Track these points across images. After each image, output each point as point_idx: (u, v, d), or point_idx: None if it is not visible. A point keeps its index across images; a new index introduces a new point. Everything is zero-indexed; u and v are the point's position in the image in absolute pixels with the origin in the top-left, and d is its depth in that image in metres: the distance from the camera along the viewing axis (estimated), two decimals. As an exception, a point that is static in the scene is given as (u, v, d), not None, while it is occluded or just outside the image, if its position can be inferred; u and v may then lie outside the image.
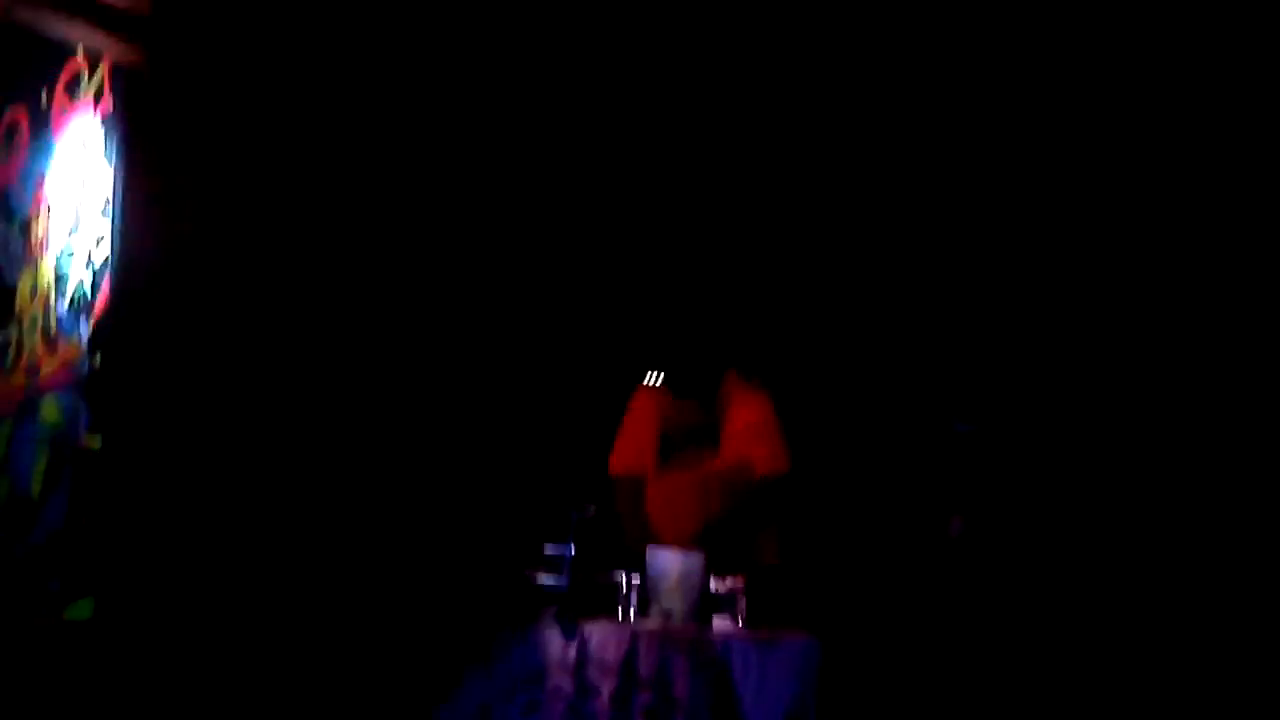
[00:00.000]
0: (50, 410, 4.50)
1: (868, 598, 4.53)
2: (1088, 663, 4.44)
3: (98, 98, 4.62)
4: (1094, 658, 4.44)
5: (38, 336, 4.72)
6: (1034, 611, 4.53)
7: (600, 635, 3.65)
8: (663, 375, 4.33)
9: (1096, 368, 4.66)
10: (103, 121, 4.57)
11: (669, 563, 3.78)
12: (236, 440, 4.35)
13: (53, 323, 4.66)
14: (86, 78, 4.66)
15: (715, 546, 3.98)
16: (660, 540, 4.04)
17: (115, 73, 4.54)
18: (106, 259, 4.37)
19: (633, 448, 4.28)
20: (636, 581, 3.79)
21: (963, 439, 4.71)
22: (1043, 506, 4.65)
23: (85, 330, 4.43)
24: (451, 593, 3.96)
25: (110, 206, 4.43)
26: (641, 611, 3.77)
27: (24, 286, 4.86)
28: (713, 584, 3.79)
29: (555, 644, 3.66)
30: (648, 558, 3.81)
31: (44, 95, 4.90)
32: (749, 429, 4.17)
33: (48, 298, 4.70)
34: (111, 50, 4.54)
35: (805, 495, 4.34)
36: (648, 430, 4.29)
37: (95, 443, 4.21)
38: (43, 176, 4.89)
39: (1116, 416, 4.59)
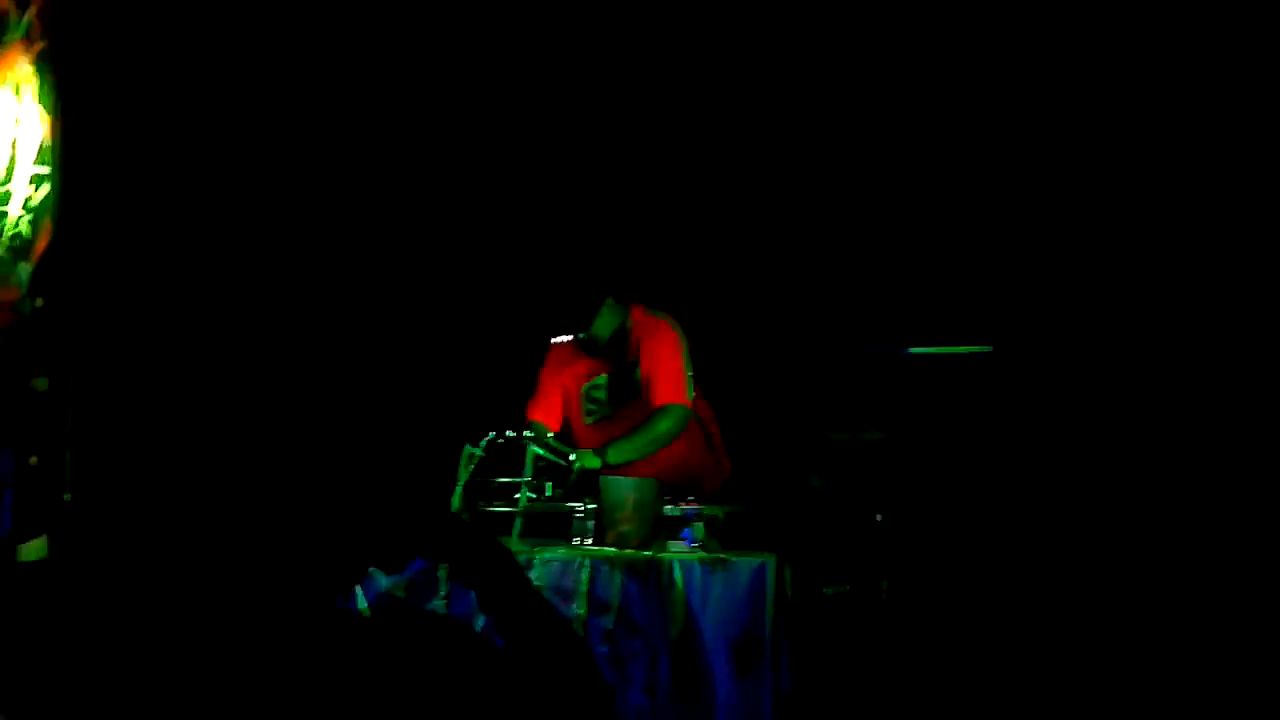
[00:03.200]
0: (-8, 354, 4.45)
1: (828, 523, 4.63)
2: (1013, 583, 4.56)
3: (28, 38, 4.54)
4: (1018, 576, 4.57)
5: (-24, 282, 4.64)
6: (967, 533, 4.65)
7: (558, 562, 3.70)
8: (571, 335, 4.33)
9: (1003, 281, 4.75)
10: (34, 61, 4.50)
11: (623, 489, 3.81)
12: (181, 378, 4.33)
13: (-9, 267, 4.59)
14: (16, 16, 4.57)
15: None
16: None
17: (44, 11, 4.46)
18: (45, 200, 4.31)
19: (544, 401, 4.36)
20: (591, 508, 3.83)
21: (876, 361, 4.79)
22: (962, 427, 4.75)
23: (25, 272, 4.38)
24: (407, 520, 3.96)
25: (46, 149, 4.37)
26: (596, 539, 3.81)
27: (-40, 231, 4.77)
28: (666, 509, 3.84)
29: (513, 570, 3.70)
30: (601, 485, 3.84)
31: (-28, 37, 4.81)
32: (656, 364, 4.21)
33: (-15, 242, 4.63)
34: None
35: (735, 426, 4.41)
36: (557, 384, 4.36)
37: (41, 384, 4.18)
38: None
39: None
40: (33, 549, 4.13)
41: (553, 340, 4.39)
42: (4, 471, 4.25)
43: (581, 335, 4.25)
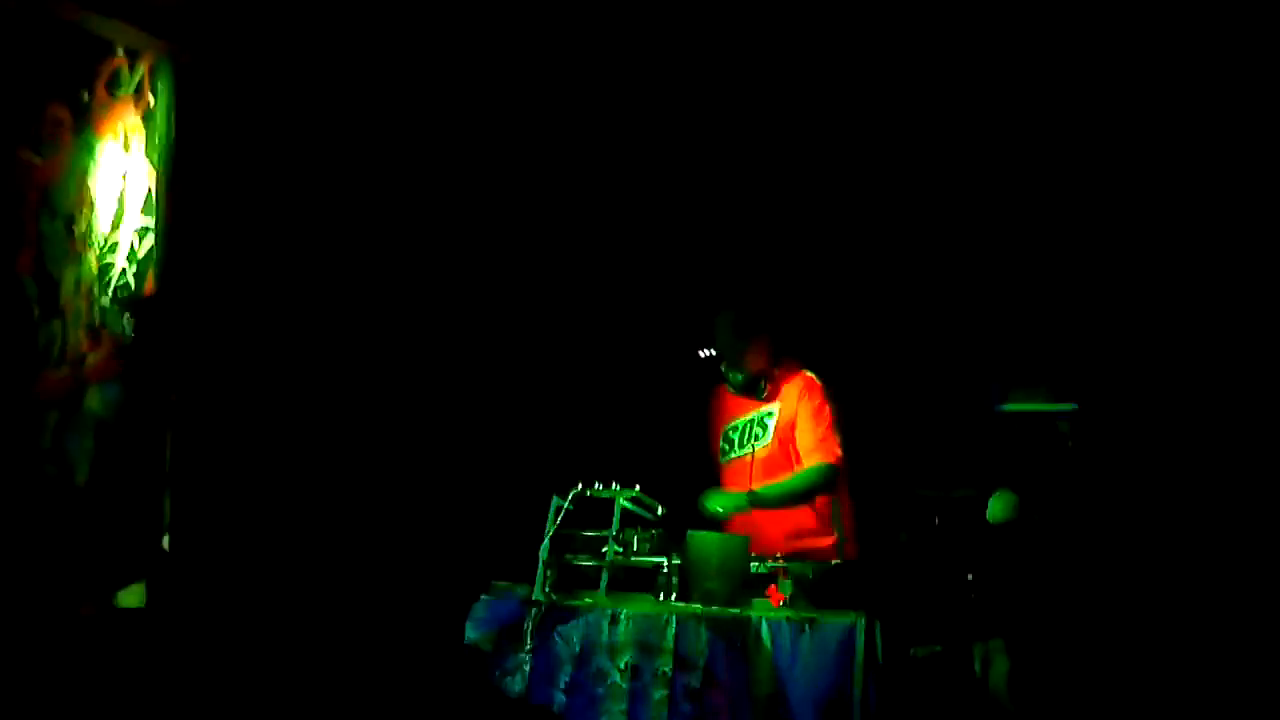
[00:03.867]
0: (95, 400, 4.56)
1: (917, 582, 4.57)
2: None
3: (138, 93, 4.69)
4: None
5: (81, 330, 4.78)
6: (1089, 595, 4.56)
7: (643, 617, 3.69)
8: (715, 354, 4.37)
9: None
10: (143, 117, 4.65)
11: (709, 545, 3.80)
12: (280, 426, 4.41)
13: (96, 316, 4.72)
14: (128, 73, 4.72)
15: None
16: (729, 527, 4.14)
17: (156, 69, 4.61)
18: (150, 251, 4.43)
19: (714, 442, 4.46)
20: (677, 563, 3.82)
21: (1006, 419, 4.73)
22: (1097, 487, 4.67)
23: (129, 323, 4.51)
24: (491, 573, 3.99)
25: (152, 201, 4.50)
26: (681, 595, 3.80)
27: (68, 281, 4.90)
28: (753, 566, 3.82)
29: (598, 625, 3.70)
30: (687, 540, 3.83)
31: (85, 92, 4.96)
32: (802, 419, 4.25)
33: (91, 291, 4.76)
34: (152, 46, 4.61)
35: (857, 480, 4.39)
36: (716, 426, 4.46)
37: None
38: (85, 173, 4.94)
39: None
40: (131, 595, 4.22)
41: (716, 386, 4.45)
42: (102, 513, 4.35)
43: (716, 362, 4.31)
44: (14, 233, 4.35)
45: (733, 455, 4.38)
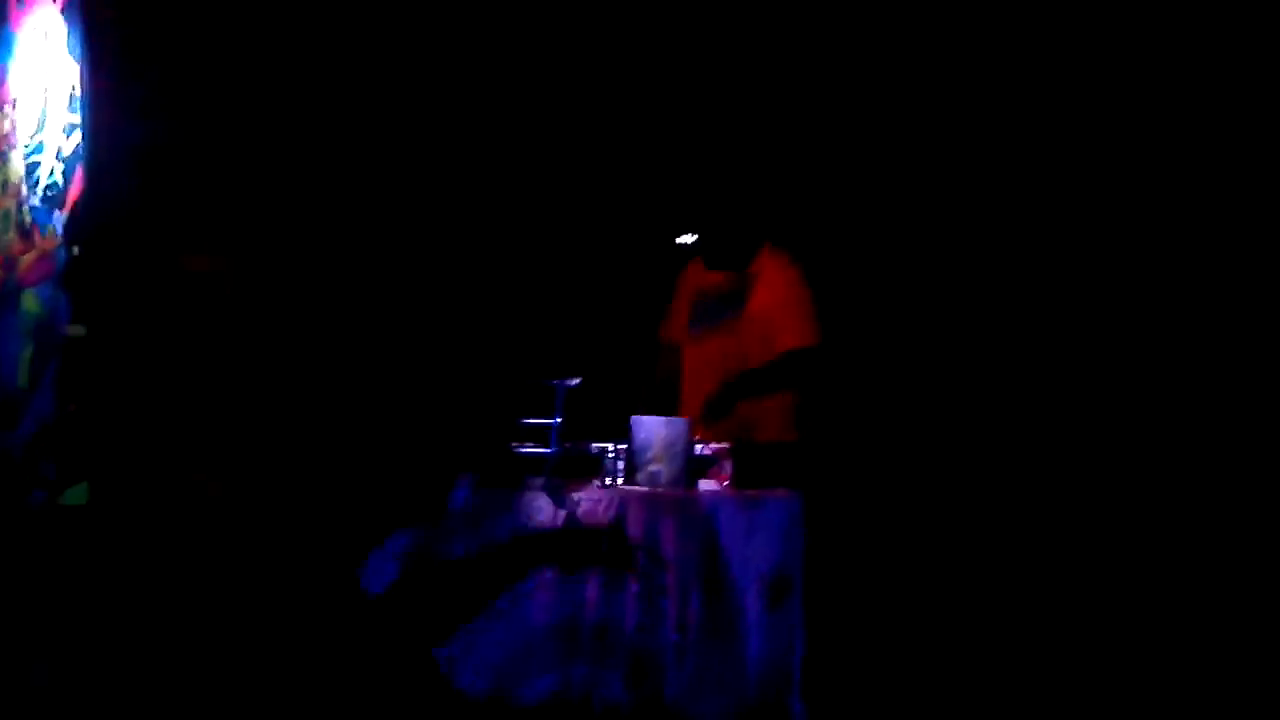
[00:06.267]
0: (30, 302, 4.52)
1: (860, 465, 4.63)
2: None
3: (55, -12, 4.57)
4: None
5: (12, 231, 4.71)
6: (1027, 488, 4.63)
7: (589, 499, 3.72)
8: (694, 239, 4.33)
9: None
10: (62, 12, 4.53)
11: (653, 429, 3.82)
12: (214, 319, 4.37)
13: (26, 216, 4.65)
14: (43, -32, 4.60)
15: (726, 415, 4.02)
16: (684, 406, 4.12)
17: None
18: (77, 149, 4.35)
19: (674, 319, 4.35)
20: (622, 448, 3.84)
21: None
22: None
23: (60, 221, 4.44)
24: (437, 463, 4.01)
25: (77, 98, 4.40)
26: (627, 479, 3.83)
27: (-3, 180, 4.84)
28: (697, 449, 3.85)
29: (544, 509, 3.73)
30: (631, 426, 3.85)
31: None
32: (778, 302, 4.18)
33: (19, 192, 4.69)
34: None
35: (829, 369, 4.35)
36: (684, 301, 4.34)
37: (79, 331, 4.24)
38: (4, 72, 4.84)
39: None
40: (76, 494, 4.22)
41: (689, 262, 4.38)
42: (44, 414, 4.33)
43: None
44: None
45: (699, 328, 4.28)
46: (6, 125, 4.78)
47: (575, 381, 3.89)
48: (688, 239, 4.39)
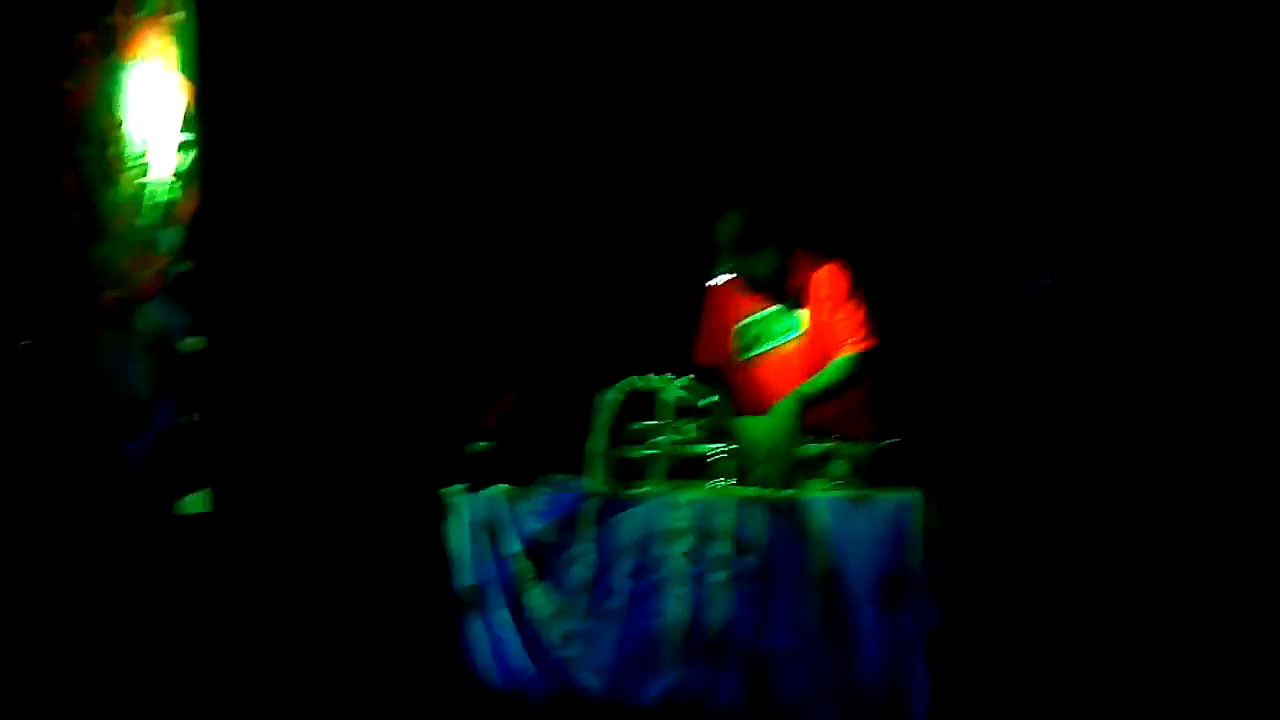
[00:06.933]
0: (145, 318, 4.62)
1: (963, 458, 4.58)
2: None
3: (166, 8, 4.68)
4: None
5: (125, 251, 4.82)
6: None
7: (702, 502, 3.73)
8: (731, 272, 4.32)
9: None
10: (172, 31, 4.64)
11: (760, 429, 3.82)
12: (331, 333, 4.45)
13: (139, 236, 4.76)
14: (151, -9, 4.71)
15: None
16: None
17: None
18: (190, 166, 4.46)
19: (712, 343, 4.36)
20: (732, 449, 3.84)
21: (1038, 295, 4.70)
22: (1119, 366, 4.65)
23: (172, 238, 4.55)
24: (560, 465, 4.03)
25: (189, 116, 4.51)
26: (738, 480, 3.83)
27: (108, 203, 4.96)
28: (808, 448, 3.84)
29: (658, 512, 3.74)
30: (738, 427, 3.86)
31: (108, 14, 4.96)
32: (831, 310, 4.18)
33: (133, 211, 4.80)
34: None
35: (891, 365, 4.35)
36: (723, 325, 4.35)
37: (199, 344, 4.34)
38: (113, 96, 4.96)
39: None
40: (195, 502, 4.30)
41: (709, 284, 4.38)
42: (164, 425, 4.43)
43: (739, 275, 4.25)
44: (56, 159, 4.39)
45: (754, 352, 4.31)
46: (120, 147, 4.90)
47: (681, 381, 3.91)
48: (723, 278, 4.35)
